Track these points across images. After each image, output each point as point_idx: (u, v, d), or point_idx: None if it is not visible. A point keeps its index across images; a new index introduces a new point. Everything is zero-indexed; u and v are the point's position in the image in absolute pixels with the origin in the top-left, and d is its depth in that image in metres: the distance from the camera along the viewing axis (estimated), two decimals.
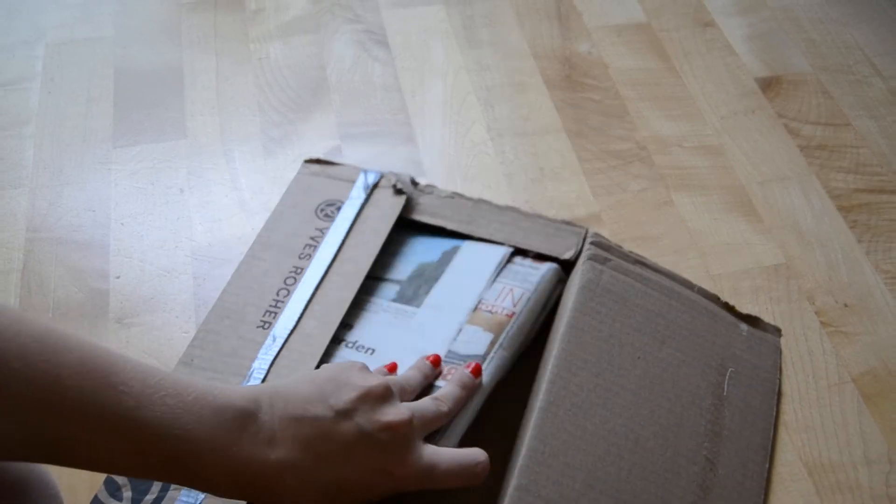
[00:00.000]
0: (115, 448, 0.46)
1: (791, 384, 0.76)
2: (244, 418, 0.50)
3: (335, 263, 0.73)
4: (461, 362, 0.66)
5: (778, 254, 0.85)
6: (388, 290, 0.73)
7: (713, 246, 0.86)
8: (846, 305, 0.81)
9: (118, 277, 0.82)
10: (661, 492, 0.61)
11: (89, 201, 0.89)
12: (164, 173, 0.91)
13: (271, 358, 0.67)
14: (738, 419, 0.68)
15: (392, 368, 0.65)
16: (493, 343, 0.68)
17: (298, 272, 0.73)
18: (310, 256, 0.74)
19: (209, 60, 1.02)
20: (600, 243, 0.73)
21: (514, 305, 0.70)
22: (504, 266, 0.74)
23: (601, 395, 0.64)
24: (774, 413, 0.72)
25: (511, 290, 0.71)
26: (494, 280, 0.72)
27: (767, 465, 0.68)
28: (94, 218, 0.87)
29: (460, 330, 0.69)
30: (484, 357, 0.67)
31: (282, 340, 0.68)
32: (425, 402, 0.59)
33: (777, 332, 0.77)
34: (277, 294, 0.72)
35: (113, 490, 0.64)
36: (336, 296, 0.71)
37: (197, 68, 1.02)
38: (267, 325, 0.70)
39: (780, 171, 0.93)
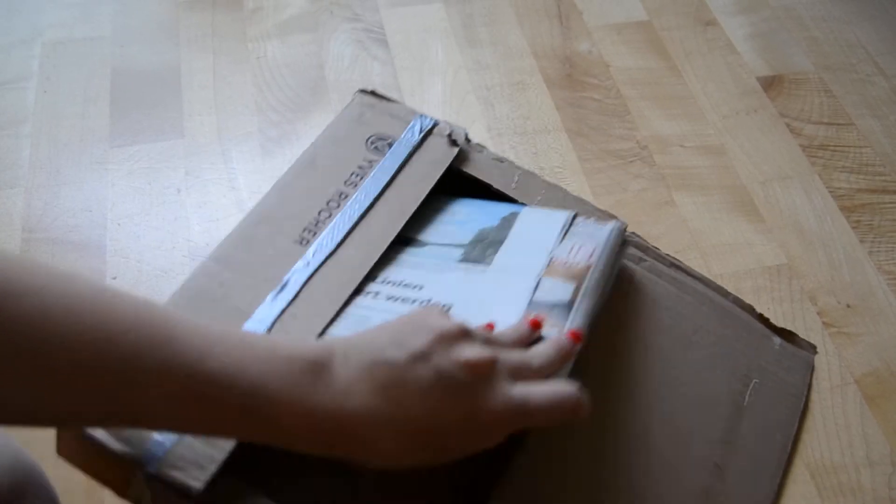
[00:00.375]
0: (183, 404, 0.43)
1: None
2: (318, 368, 0.46)
3: (381, 197, 0.72)
4: (547, 311, 0.63)
5: (780, 254, 0.85)
6: (453, 253, 0.71)
7: (714, 246, 0.85)
8: (848, 306, 0.81)
9: (115, 278, 0.82)
10: (664, 491, 0.61)
11: (86, 201, 0.88)
12: (162, 173, 0.91)
13: (306, 276, 0.66)
14: (756, 430, 0.67)
15: (490, 328, 0.59)
16: (577, 290, 0.64)
17: (343, 197, 0.72)
18: (355, 185, 0.73)
19: (207, 60, 1.02)
20: (637, 243, 0.73)
21: (589, 258, 0.67)
22: (569, 227, 0.72)
23: (618, 392, 0.63)
24: (796, 428, 0.71)
25: (581, 245, 0.69)
26: (562, 239, 0.70)
27: (779, 480, 0.67)
28: (90, 218, 0.87)
29: (538, 282, 0.66)
30: (570, 304, 0.63)
31: (318, 262, 0.67)
32: (512, 352, 0.53)
33: (812, 348, 0.76)
34: (319, 214, 0.71)
35: None
36: (378, 230, 0.69)
37: (195, 68, 1.01)
38: (305, 242, 0.68)
39: (782, 170, 0.92)
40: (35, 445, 0.71)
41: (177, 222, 0.87)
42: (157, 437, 0.55)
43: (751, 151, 0.93)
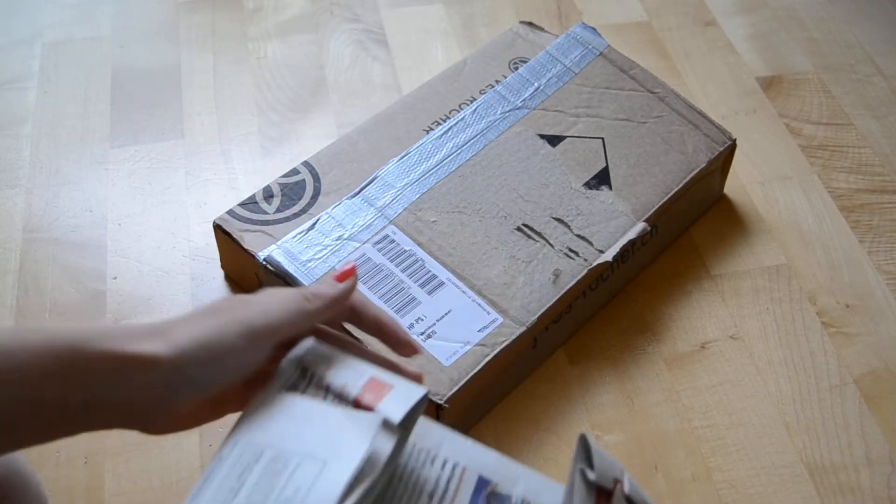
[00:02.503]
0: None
1: (792, 385, 0.75)
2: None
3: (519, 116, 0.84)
4: None
5: (779, 254, 0.85)
6: None
7: (714, 246, 0.85)
8: (847, 306, 0.81)
9: (115, 278, 0.82)
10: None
11: (86, 201, 0.88)
12: (162, 173, 0.91)
13: (426, 151, 0.81)
14: None
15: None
16: None
17: (471, 101, 0.85)
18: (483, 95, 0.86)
19: (207, 60, 1.02)
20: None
21: None
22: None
23: None
24: None
25: None
26: None
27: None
28: (91, 218, 0.87)
29: None
30: None
31: (438, 146, 0.81)
32: None
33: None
34: (449, 113, 0.84)
35: (267, 195, 0.78)
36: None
37: (195, 68, 1.01)
38: (429, 131, 0.83)
39: (782, 170, 0.92)
40: (38, 447, 0.71)
41: (177, 222, 0.87)
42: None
43: (750, 151, 0.94)
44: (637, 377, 0.76)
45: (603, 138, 0.83)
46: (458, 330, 0.70)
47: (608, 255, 0.75)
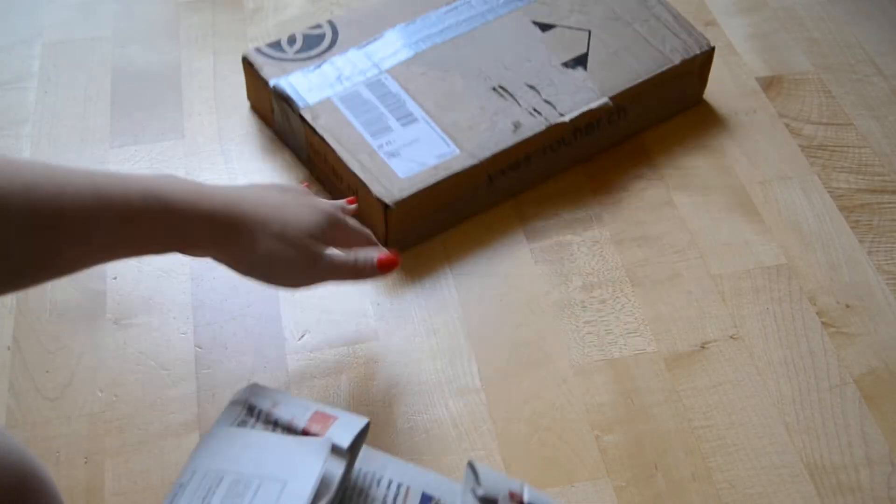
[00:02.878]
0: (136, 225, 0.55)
1: (792, 385, 0.75)
2: (221, 191, 0.62)
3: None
4: None
5: (779, 254, 0.85)
6: None
7: (714, 246, 0.85)
8: (848, 306, 0.81)
9: (115, 278, 0.82)
10: None
11: None
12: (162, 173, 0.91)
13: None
14: None
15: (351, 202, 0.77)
16: None
17: None
18: None
19: (207, 60, 1.02)
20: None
21: None
22: None
23: None
24: None
25: None
26: None
27: None
28: None
29: None
30: None
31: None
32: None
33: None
34: None
35: (290, 41, 0.93)
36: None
37: (195, 68, 1.01)
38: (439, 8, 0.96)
39: (782, 170, 0.92)
40: (38, 447, 0.72)
41: None
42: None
43: (750, 151, 0.94)
44: (637, 377, 0.76)
45: (590, 31, 0.94)
46: (419, 154, 0.83)
47: (566, 118, 0.86)
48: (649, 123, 0.95)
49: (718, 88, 1.00)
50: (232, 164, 0.92)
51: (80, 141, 0.94)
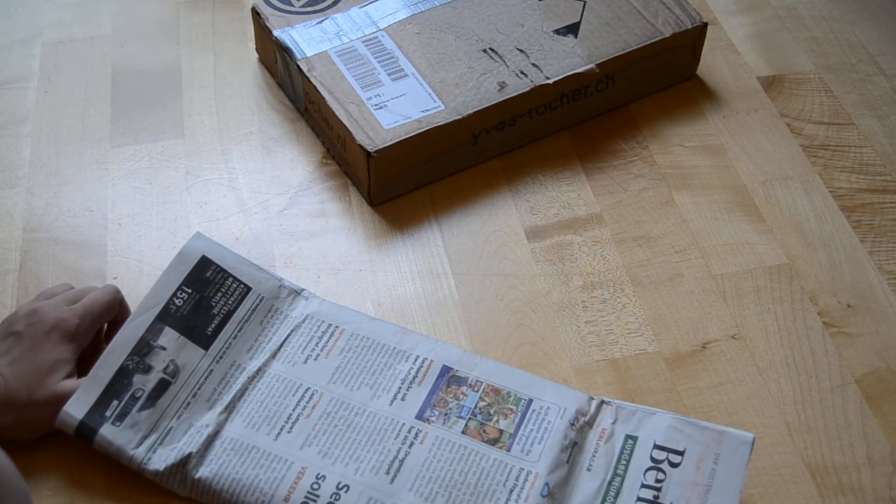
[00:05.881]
0: None
1: (793, 385, 0.75)
2: None
3: None
4: None
5: (780, 254, 0.85)
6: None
7: (715, 246, 0.85)
8: (849, 306, 0.81)
9: (115, 278, 0.82)
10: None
11: (86, 201, 0.88)
12: (162, 173, 0.91)
13: None
14: None
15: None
16: None
17: None
18: None
19: (207, 59, 1.02)
20: None
21: None
22: None
23: None
24: None
25: None
26: None
27: None
28: (91, 218, 0.87)
29: None
30: None
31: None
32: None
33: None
34: None
35: None
36: None
37: (195, 67, 1.01)
38: None
39: (783, 170, 0.92)
40: (37, 444, 0.71)
41: (177, 222, 0.87)
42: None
43: (751, 151, 0.93)
44: (638, 377, 0.76)
45: (585, 1, 0.96)
46: (405, 107, 0.87)
47: (551, 80, 0.89)
48: (639, 94, 0.97)
49: (719, 88, 1.00)
50: (232, 164, 0.91)
51: (80, 141, 0.93)
